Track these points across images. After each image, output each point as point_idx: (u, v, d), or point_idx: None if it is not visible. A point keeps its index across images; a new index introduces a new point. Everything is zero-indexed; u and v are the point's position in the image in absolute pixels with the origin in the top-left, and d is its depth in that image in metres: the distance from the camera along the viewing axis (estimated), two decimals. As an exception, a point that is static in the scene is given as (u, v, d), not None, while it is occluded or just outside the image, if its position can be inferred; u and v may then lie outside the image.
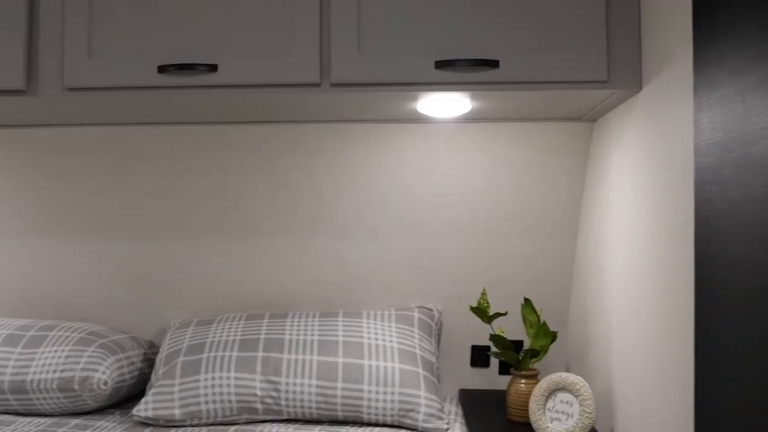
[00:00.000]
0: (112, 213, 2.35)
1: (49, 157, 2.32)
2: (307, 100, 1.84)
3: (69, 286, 2.43)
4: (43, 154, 2.32)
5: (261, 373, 1.95)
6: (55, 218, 2.38)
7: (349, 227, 2.27)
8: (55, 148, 2.31)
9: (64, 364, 2.01)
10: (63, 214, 2.37)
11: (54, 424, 1.95)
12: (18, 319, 2.29)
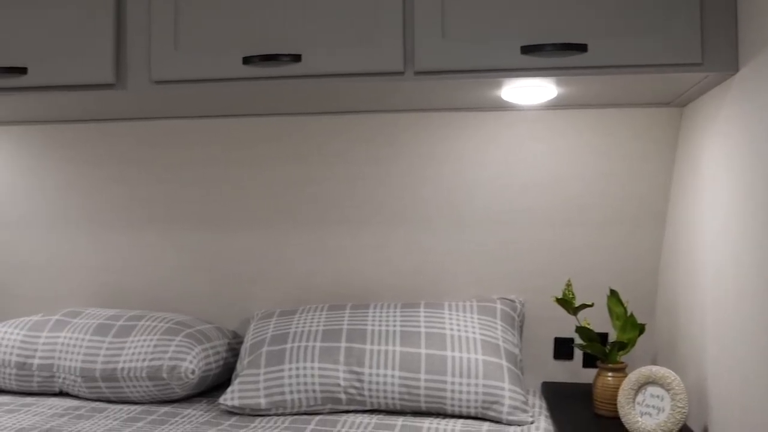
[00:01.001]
0: (197, 205, 2.39)
1: (135, 150, 2.37)
2: (390, 89, 1.83)
3: (155, 278, 2.48)
4: (130, 147, 2.37)
5: (344, 364, 1.95)
6: (141, 210, 2.43)
7: (431, 217, 2.25)
8: (142, 141, 2.35)
9: (153, 353, 2.05)
10: (149, 207, 2.42)
11: (144, 411, 1.99)
12: (107, 309, 2.35)
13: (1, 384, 2.20)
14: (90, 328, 2.18)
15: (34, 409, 2.02)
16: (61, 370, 2.13)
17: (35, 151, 2.43)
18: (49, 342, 2.17)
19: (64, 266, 2.57)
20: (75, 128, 2.36)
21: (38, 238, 2.56)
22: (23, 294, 2.64)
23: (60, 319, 2.25)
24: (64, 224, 2.52)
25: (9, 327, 2.25)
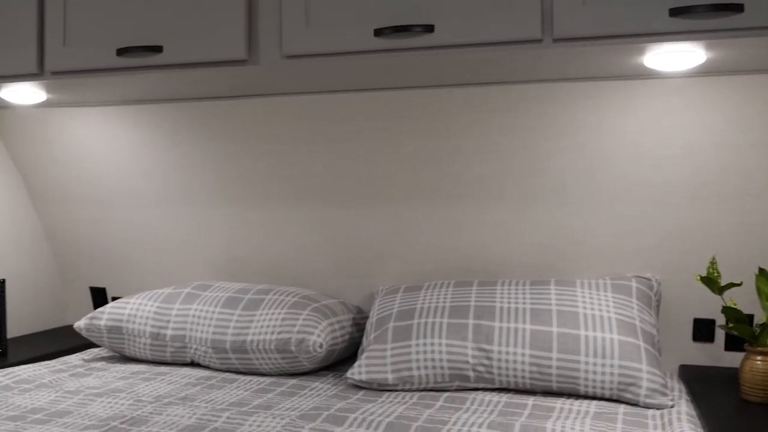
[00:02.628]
0: (323, 179, 2.39)
1: (265, 126, 2.39)
2: (527, 57, 1.76)
3: (281, 252, 2.51)
4: (261, 123, 2.39)
5: (472, 341, 1.92)
6: (270, 186, 2.46)
7: (564, 191, 2.17)
8: (272, 117, 2.37)
9: (281, 326, 2.07)
10: (278, 182, 2.45)
11: (273, 383, 2.02)
12: (234, 283, 2.39)
13: (137, 353, 2.27)
14: (219, 301, 2.22)
15: (169, 378, 2.08)
16: (193, 341, 2.18)
17: (169, 129, 2.49)
18: (180, 314, 2.23)
19: (193, 241, 2.63)
20: (207, 105, 2.40)
21: (170, 213, 2.63)
22: (155, 268, 2.73)
23: (191, 292, 2.30)
24: (195, 200, 2.58)
25: (143, 299, 2.32)
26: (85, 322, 2.32)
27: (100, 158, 2.64)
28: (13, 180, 2.79)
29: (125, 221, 2.72)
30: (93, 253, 2.84)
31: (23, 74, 2.11)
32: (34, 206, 2.86)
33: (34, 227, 2.87)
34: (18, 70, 2.10)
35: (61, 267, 2.94)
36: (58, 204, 2.81)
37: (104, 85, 2.17)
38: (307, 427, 1.60)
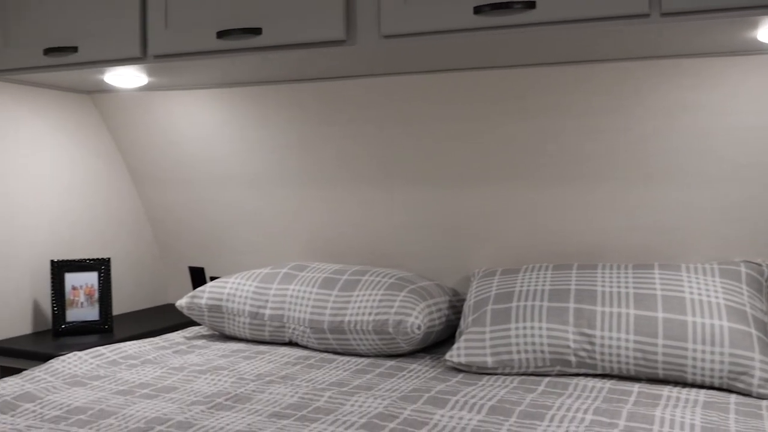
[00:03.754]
0: (419, 161, 2.38)
1: (361, 107, 2.38)
2: (632, 33, 1.70)
3: (377, 234, 2.51)
4: (357, 105, 2.38)
5: (574, 325, 1.88)
6: (365, 167, 2.46)
7: (668, 172, 2.10)
8: (368, 98, 2.35)
9: (378, 307, 2.07)
10: (373, 163, 2.45)
11: (371, 364, 2.03)
12: (331, 263, 2.41)
13: (237, 332, 2.32)
14: (317, 282, 2.24)
15: (268, 357, 2.11)
16: (291, 321, 2.21)
17: (266, 111, 2.52)
18: (279, 294, 2.26)
19: (289, 222, 2.67)
20: (303, 87, 2.42)
21: (266, 194, 2.67)
22: (251, 248, 2.78)
23: (288, 273, 2.33)
24: (291, 181, 2.60)
25: (241, 279, 2.36)
26: (186, 301, 2.38)
27: (198, 141, 2.69)
28: (116, 163, 2.88)
29: (223, 203, 2.78)
30: (191, 233, 2.91)
31: (127, 58, 2.16)
32: (136, 188, 2.95)
33: (135, 209, 2.96)
34: (122, 55, 2.15)
35: (162, 247, 3.03)
36: (158, 186, 2.89)
37: (204, 68, 2.21)
38: (409, 408, 1.60)
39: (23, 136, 2.52)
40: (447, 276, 2.44)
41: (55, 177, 2.63)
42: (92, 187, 2.78)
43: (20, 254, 2.50)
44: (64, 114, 2.67)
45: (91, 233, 2.77)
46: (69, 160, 2.69)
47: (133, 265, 2.94)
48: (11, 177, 2.48)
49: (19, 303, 2.50)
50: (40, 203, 2.58)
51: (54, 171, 2.63)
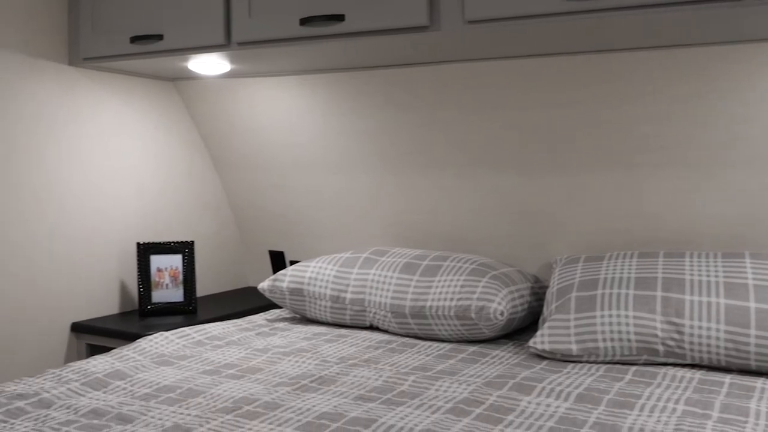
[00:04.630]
0: (499, 146, 2.36)
1: (442, 94, 2.37)
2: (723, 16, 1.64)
3: (456, 219, 2.50)
4: (436, 91, 2.37)
5: (661, 314, 1.83)
6: (445, 153, 2.46)
7: (759, 158, 2.03)
8: (448, 85, 2.34)
9: (460, 293, 2.07)
10: (453, 149, 2.44)
11: (453, 349, 2.03)
12: (411, 249, 2.41)
13: (318, 315, 2.35)
14: (397, 267, 2.25)
15: (350, 341, 2.13)
16: (372, 305, 2.22)
17: (347, 97, 2.53)
18: (359, 278, 2.28)
19: (369, 207, 2.68)
20: (383, 73, 2.42)
21: (346, 180, 2.69)
22: (331, 232, 2.80)
23: (368, 257, 2.35)
24: (371, 167, 2.61)
25: (323, 262, 2.39)
26: (268, 284, 2.41)
27: (279, 127, 2.72)
28: (199, 149, 2.94)
29: (302, 188, 2.80)
30: (272, 218, 2.95)
31: (211, 46, 2.19)
32: (218, 174, 3.01)
33: (217, 194, 3.02)
34: (206, 42, 2.19)
35: (242, 231, 3.08)
36: (239, 171, 2.94)
37: (286, 55, 2.23)
38: (494, 394, 1.59)
39: (111, 123, 2.59)
40: (527, 263, 2.42)
41: (140, 163, 2.70)
42: (176, 173, 2.84)
43: (108, 237, 2.58)
44: (149, 101, 2.74)
45: (176, 217, 2.84)
46: (154, 147, 2.75)
47: (215, 249, 3.00)
48: (99, 163, 2.55)
49: (107, 284, 2.58)
50: (127, 188, 2.65)
51: (140, 157, 2.70)
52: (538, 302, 2.20)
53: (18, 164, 2.30)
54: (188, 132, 2.90)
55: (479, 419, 1.44)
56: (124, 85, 2.64)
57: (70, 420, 1.48)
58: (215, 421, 1.46)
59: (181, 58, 2.30)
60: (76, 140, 2.47)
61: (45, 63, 2.37)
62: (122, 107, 2.63)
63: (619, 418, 1.45)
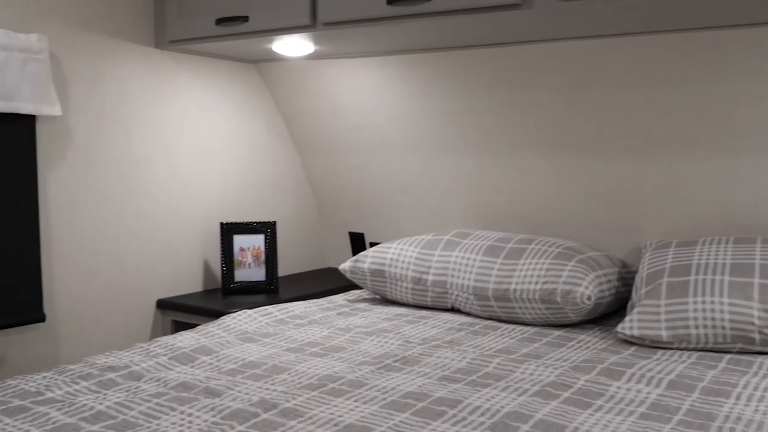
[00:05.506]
0: (584, 129, 2.30)
1: (523, 75, 2.33)
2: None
3: (540, 202, 2.46)
4: (518, 72, 2.33)
5: (759, 301, 1.76)
6: (527, 135, 2.41)
7: None
8: (530, 65, 2.30)
9: (545, 276, 2.03)
10: (536, 131, 2.39)
11: (537, 333, 1.99)
12: (494, 231, 2.38)
13: (399, 296, 2.34)
14: (480, 249, 2.22)
15: (431, 322, 2.12)
16: (454, 287, 2.20)
17: (430, 77, 2.51)
18: (441, 260, 2.26)
19: (450, 189, 2.65)
20: (467, 54, 2.38)
21: (427, 161, 2.67)
22: (412, 214, 2.79)
23: (450, 239, 2.32)
24: (452, 148, 2.59)
25: (404, 244, 2.38)
26: (349, 265, 2.42)
27: (360, 108, 2.72)
28: (280, 130, 2.96)
29: (383, 169, 2.80)
30: (352, 199, 2.95)
31: (296, 26, 2.19)
32: (299, 155, 3.03)
33: (298, 175, 3.04)
34: (291, 23, 2.19)
35: (322, 212, 3.09)
36: (320, 152, 2.95)
37: (371, 36, 2.21)
38: (582, 378, 1.55)
39: (195, 105, 2.63)
40: (614, 247, 2.36)
41: (223, 144, 2.74)
42: (258, 154, 2.87)
43: (192, 217, 2.63)
44: (232, 83, 2.77)
45: (257, 198, 2.87)
46: (237, 128, 2.79)
47: (296, 229, 3.03)
48: (183, 144, 2.60)
49: (191, 263, 2.63)
50: (211, 169, 2.69)
51: (223, 138, 2.74)
52: (625, 287, 2.14)
53: (106, 146, 2.36)
54: (270, 114, 2.92)
55: (567, 403, 1.41)
56: (208, 67, 2.67)
57: (160, 392, 1.51)
58: (301, 397, 1.46)
59: (266, 39, 2.32)
60: (161, 122, 2.52)
61: (132, 46, 2.42)
62: (206, 89, 2.67)
63: (714, 406, 1.39)
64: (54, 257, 2.23)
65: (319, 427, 1.30)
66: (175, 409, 1.40)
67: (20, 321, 2.10)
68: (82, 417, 1.38)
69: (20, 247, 2.09)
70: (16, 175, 2.08)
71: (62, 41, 2.22)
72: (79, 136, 2.28)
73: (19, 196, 2.09)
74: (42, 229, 2.20)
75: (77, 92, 2.27)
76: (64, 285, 2.26)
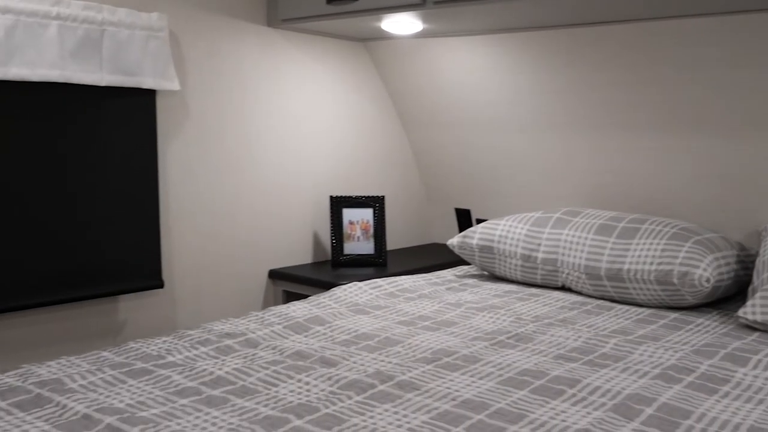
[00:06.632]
0: (695, 107, 2.22)
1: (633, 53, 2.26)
2: None
3: (652, 181, 2.40)
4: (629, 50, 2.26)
5: None
6: (638, 114, 2.35)
7: None
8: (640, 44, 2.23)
9: (661, 257, 1.98)
10: (646, 110, 2.33)
11: (652, 314, 1.95)
12: (605, 210, 2.33)
13: (507, 273, 2.33)
14: (592, 228, 2.18)
15: (542, 300, 2.10)
16: (565, 266, 2.17)
17: (538, 56, 2.46)
18: (552, 238, 2.23)
19: (557, 167, 2.61)
20: (574, 33, 2.33)
21: (534, 139, 2.63)
22: (518, 192, 2.76)
23: (560, 217, 2.29)
24: (559, 126, 2.55)
25: (513, 221, 2.36)
26: (458, 240, 2.42)
27: (466, 86, 2.70)
28: (387, 107, 2.98)
29: (490, 146, 2.78)
30: (457, 176, 2.95)
31: (407, 5, 2.19)
32: (405, 131, 3.04)
33: (404, 151, 3.06)
34: (402, 2, 2.18)
35: (428, 188, 3.10)
36: (426, 129, 2.95)
37: (480, 14, 2.19)
38: (705, 363, 1.51)
39: (305, 82, 2.67)
40: (731, 229, 2.28)
41: (331, 120, 2.77)
42: (365, 130, 2.90)
43: (303, 190, 2.68)
44: (341, 61, 2.80)
45: (364, 173, 2.90)
46: (345, 105, 2.82)
47: (402, 205, 3.05)
48: (294, 120, 2.64)
49: (301, 235, 2.69)
50: (320, 144, 2.73)
51: (331, 114, 2.77)
52: (744, 271, 2.07)
53: (220, 120, 2.43)
54: (377, 91, 2.94)
55: (692, 388, 1.38)
56: (318, 45, 2.71)
57: (277, 360, 1.55)
58: (416, 370, 1.48)
59: (375, 17, 2.32)
60: (273, 98, 2.57)
61: (245, 24, 2.47)
62: (315, 67, 2.70)
63: None
64: (172, 227, 2.32)
65: (437, 401, 1.32)
66: (293, 377, 1.44)
67: (140, 287, 2.19)
68: (202, 382, 1.43)
69: (141, 217, 2.18)
70: (139, 147, 2.17)
71: (181, 20, 2.29)
72: (195, 111, 2.35)
73: (141, 166, 2.17)
74: (161, 199, 2.28)
75: (194, 68, 2.34)
76: (181, 253, 2.35)
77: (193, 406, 1.30)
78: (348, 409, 1.29)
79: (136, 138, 2.16)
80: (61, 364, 1.53)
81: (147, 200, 2.19)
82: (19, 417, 1.26)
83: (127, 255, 2.16)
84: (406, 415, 1.26)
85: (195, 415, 1.26)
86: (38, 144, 1.97)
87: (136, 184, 2.16)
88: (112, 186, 2.11)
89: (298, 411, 1.27)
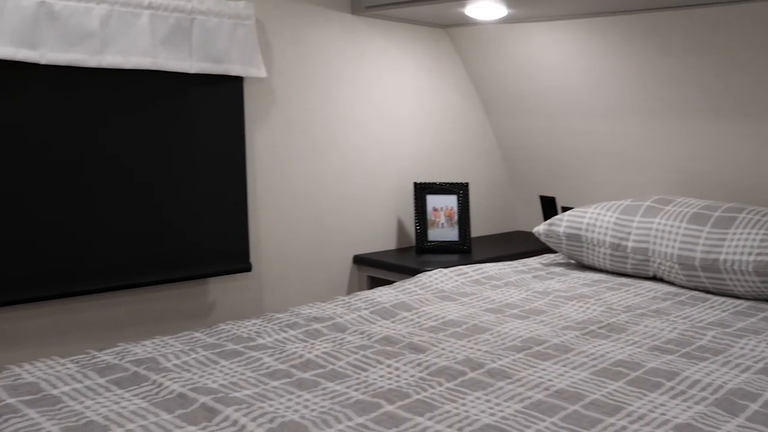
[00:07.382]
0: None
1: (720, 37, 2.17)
2: None
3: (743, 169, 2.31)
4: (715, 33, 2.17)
5: None
6: (729, 100, 2.26)
7: None
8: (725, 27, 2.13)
9: (760, 247, 1.91)
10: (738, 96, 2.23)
11: (750, 307, 1.88)
12: (697, 199, 2.26)
13: (596, 262, 2.28)
14: (685, 217, 2.11)
15: (633, 290, 2.05)
16: (656, 255, 2.12)
17: (624, 40, 2.39)
18: (642, 226, 2.17)
19: (643, 154, 2.54)
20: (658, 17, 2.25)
21: (620, 125, 2.57)
22: (605, 179, 2.70)
23: (651, 206, 2.23)
24: (645, 112, 2.47)
25: (600, 209, 2.31)
26: (544, 228, 2.38)
27: (550, 71, 2.65)
28: (470, 93, 2.95)
29: (575, 132, 2.72)
30: (542, 162, 2.90)
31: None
32: (488, 118, 3.00)
33: (488, 137, 3.02)
34: (489, -16, 2.16)
35: (511, 175, 3.06)
36: (509, 115, 2.91)
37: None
38: (812, 358, 1.45)
39: (388, 69, 2.67)
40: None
41: (415, 106, 2.76)
42: (448, 116, 2.88)
43: (387, 176, 2.68)
44: (423, 48, 2.78)
45: (448, 159, 2.88)
46: (428, 91, 2.80)
47: (486, 191, 3.02)
48: (378, 106, 2.64)
49: (385, 221, 2.69)
50: (403, 130, 2.73)
51: (415, 101, 2.76)
52: None
53: (306, 106, 2.45)
54: (460, 77, 2.91)
55: (798, 383, 1.32)
56: (401, 32, 2.70)
57: (365, 345, 1.56)
58: (506, 358, 1.46)
59: (459, 3, 2.30)
60: (357, 85, 2.57)
61: (330, 12, 2.48)
62: (398, 53, 2.69)
63: None
64: (259, 211, 2.35)
65: (530, 390, 1.30)
66: (382, 363, 1.44)
67: (229, 270, 2.23)
68: (292, 365, 1.44)
69: (230, 201, 2.22)
70: (227, 133, 2.20)
71: (267, 8, 2.32)
72: (281, 97, 2.38)
73: (229, 151, 2.21)
74: (249, 183, 2.32)
75: (280, 56, 2.36)
76: (268, 238, 2.38)
77: (285, 389, 1.31)
78: (439, 395, 1.28)
79: (225, 124, 2.19)
80: (156, 344, 1.57)
81: (235, 185, 2.22)
82: (118, 393, 1.30)
83: (217, 239, 2.20)
84: (499, 403, 1.24)
85: (287, 397, 1.28)
86: (133, 130, 2.02)
87: (224, 170, 2.20)
88: (202, 171, 2.15)
89: (388, 396, 1.27)
